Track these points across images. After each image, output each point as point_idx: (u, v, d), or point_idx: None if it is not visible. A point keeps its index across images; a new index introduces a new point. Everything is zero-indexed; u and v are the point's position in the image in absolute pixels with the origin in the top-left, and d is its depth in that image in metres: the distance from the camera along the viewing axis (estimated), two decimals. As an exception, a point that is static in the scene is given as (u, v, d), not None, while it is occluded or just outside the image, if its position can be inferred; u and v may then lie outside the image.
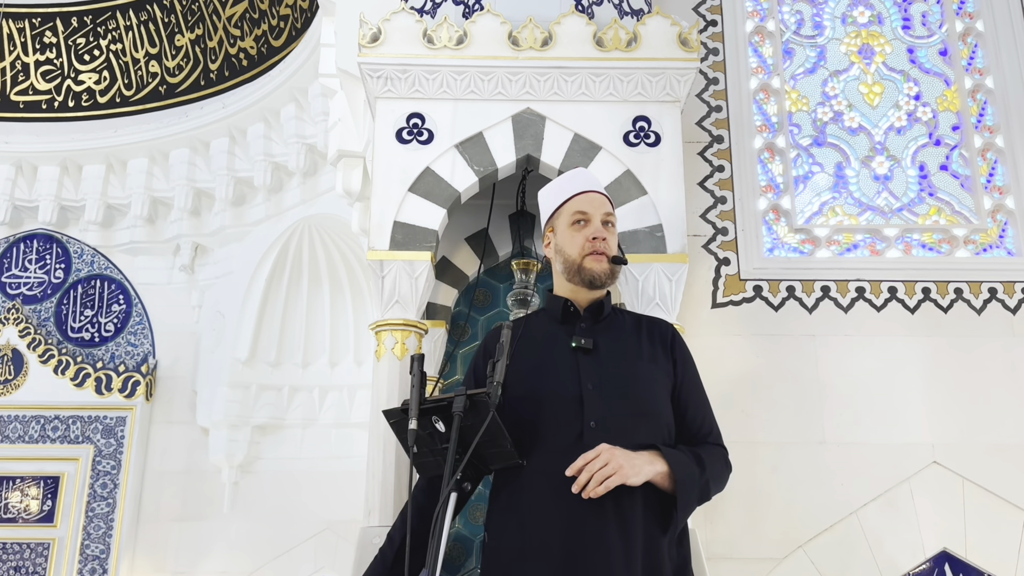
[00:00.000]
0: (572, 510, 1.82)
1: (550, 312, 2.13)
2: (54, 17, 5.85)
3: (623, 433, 1.88)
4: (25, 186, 5.79)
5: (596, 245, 2.04)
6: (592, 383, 1.95)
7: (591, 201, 2.10)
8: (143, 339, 5.71)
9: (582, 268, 2.05)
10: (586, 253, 2.05)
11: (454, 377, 3.29)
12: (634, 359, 2.02)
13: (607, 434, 1.87)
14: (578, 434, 1.89)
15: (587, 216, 2.08)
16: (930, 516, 3.10)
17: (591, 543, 1.81)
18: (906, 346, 3.29)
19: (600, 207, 2.10)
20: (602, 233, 2.06)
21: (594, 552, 1.80)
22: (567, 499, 1.83)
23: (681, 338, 2.14)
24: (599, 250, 2.04)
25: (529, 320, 2.19)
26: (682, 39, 2.94)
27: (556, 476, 1.85)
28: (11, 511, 5.30)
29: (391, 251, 2.77)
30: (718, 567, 2.91)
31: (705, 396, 2.10)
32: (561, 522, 1.83)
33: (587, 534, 1.81)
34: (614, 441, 1.85)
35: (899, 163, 3.64)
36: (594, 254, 2.04)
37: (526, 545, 1.85)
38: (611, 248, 2.07)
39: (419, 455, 1.88)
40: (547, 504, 1.85)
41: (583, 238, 2.06)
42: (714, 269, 3.38)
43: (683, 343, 2.12)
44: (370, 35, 2.91)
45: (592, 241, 2.05)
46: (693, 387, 2.08)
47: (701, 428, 2.04)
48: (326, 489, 5.11)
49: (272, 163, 5.41)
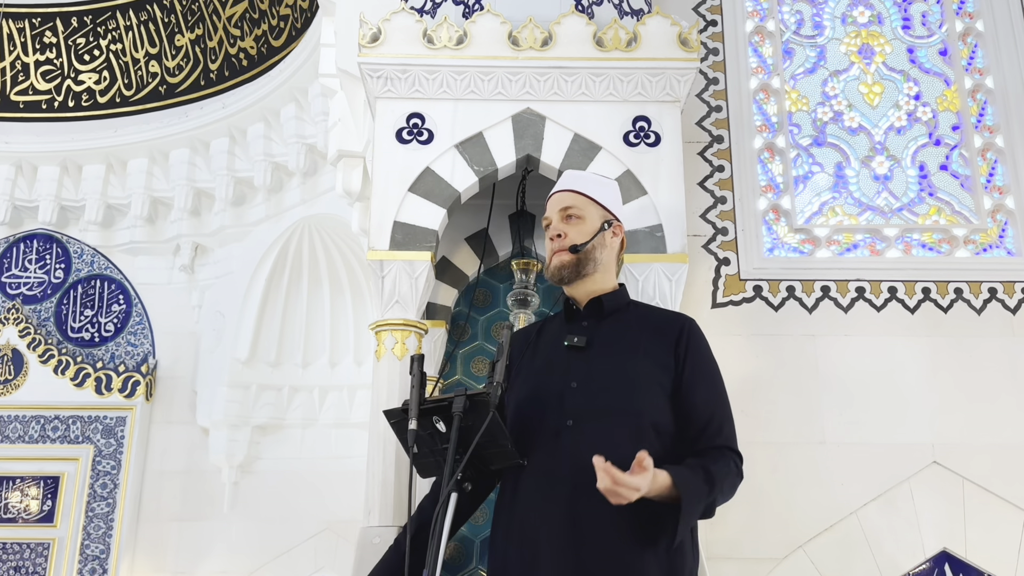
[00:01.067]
0: (547, 506, 1.84)
1: (562, 312, 2.14)
2: (54, 17, 5.85)
3: (599, 431, 1.86)
4: (25, 186, 5.78)
5: (553, 245, 2.06)
6: (577, 381, 1.94)
7: (552, 204, 2.12)
8: (143, 339, 5.71)
9: (549, 270, 2.07)
10: (551, 253, 2.06)
11: (454, 377, 3.29)
12: (625, 356, 1.97)
13: (580, 432, 1.87)
14: (555, 432, 1.89)
15: (548, 219, 2.11)
16: (930, 516, 3.10)
17: (556, 544, 1.80)
18: (906, 346, 3.29)
19: (558, 204, 2.10)
20: (559, 230, 2.06)
21: (557, 554, 1.80)
22: (543, 496, 1.84)
23: (696, 331, 2.04)
24: (558, 248, 2.05)
25: (546, 321, 2.20)
26: (682, 39, 2.94)
27: (538, 472, 1.87)
28: (11, 511, 5.30)
29: (391, 251, 2.77)
30: (718, 567, 2.91)
31: (717, 395, 1.99)
32: (537, 519, 1.84)
33: (554, 533, 1.81)
34: (587, 438, 1.84)
35: (899, 163, 3.64)
36: (555, 253, 2.05)
37: (511, 542, 1.88)
38: (572, 239, 2.04)
39: (419, 455, 1.88)
40: (533, 501, 1.86)
41: (548, 241, 2.08)
42: (714, 269, 3.38)
43: (697, 336, 2.02)
44: (370, 35, 2.91)
45: (551, 242, 2.07)
46: (701, 384, 1.97)
47: (709, 426, 1.93)
48: (326, 489, 5.10)
49: (272, 163, 5.41)
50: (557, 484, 1.84)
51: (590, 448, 1.75)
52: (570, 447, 1.86)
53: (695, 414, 1.94)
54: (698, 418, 1.94)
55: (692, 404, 1.95)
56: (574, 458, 1.83)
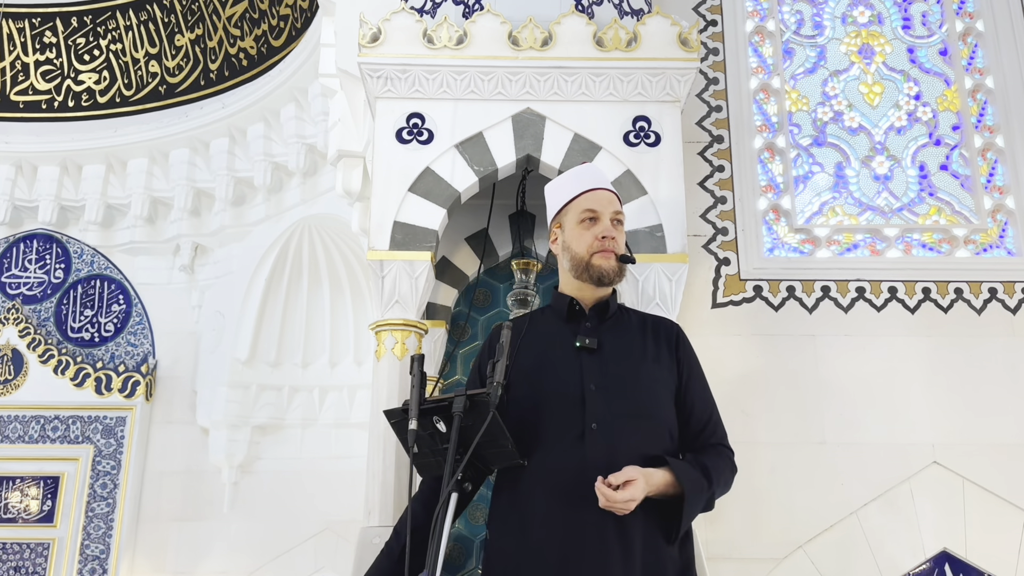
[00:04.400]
0: (572, 510, 1.83)
1: (555, 310, 2.12)
2: (54, 17, 5.85)
3: (623, 435, 1.89)
4: (25, 186, 5.79)
5: (605, 244, 2.04)
6: (595, 383, 1.94)
7: (600, 199, 2.09)
8: (143, 339, 5.71)
9: (590, 265, 2.04)
10: (595, 251, 2.04)
11: (454, 377, 3.29)
12: (638, 360, 2.01)
13: (607, 436, 1.88)
14: (579, 435, 1.89)
15: (596, 214, 2.07)
16: (930, 516, 3.10)
17: (590, 544, 1.81)
18: (906, 346, 3.29)
19: (609, 205, 2.09)
20: (611, 232, 2.05)
21: (592, 553, 1.80)
22: (567, 499, 1.83)
23: (686, 338, 2.13)
24: (608, 248, 2.04)
25: (533, 318, 2.17)
26: (682, 39, 2.94)
27: (556, 476, 1.86)
28: (11, 511, 5.30)
29: (391, 251, 2.77)
30: (718, 567, 2.91)
31: (710, 396, 2.09)
32: (560, 522, 1.83)
33: (586, 535, 1.81)
34: (614, 442, 1.86)
35: (899, 163, 3.64)
36: (603, 252, 2.04)
37: (525, 545, 1.86)
38: (619, 246, 2.06)
39: (420, 455, 1.88)
40: (547, 504, 1.85)
41: (592, 236, 2.05)
42: (714, 269, 3.38)
43: (688, 343, 2.12)
44: (370, 35, 2.91)
45: (601, 240, 2.04)
46: (698, 387, 2.06)
47: (706, 428, 2.03)
48: (326, 489, 5.10)
49: (272, 163, 5.41)
50: (586, 486, 1.80)
51: (623, 450, 1.85)
52: (599, 449, 1.86)
53: (695, 416, 2.03)
54: (697, 419, 2.03)
55: (692, 406, 2.03)
56: (605, 459, 1.84)
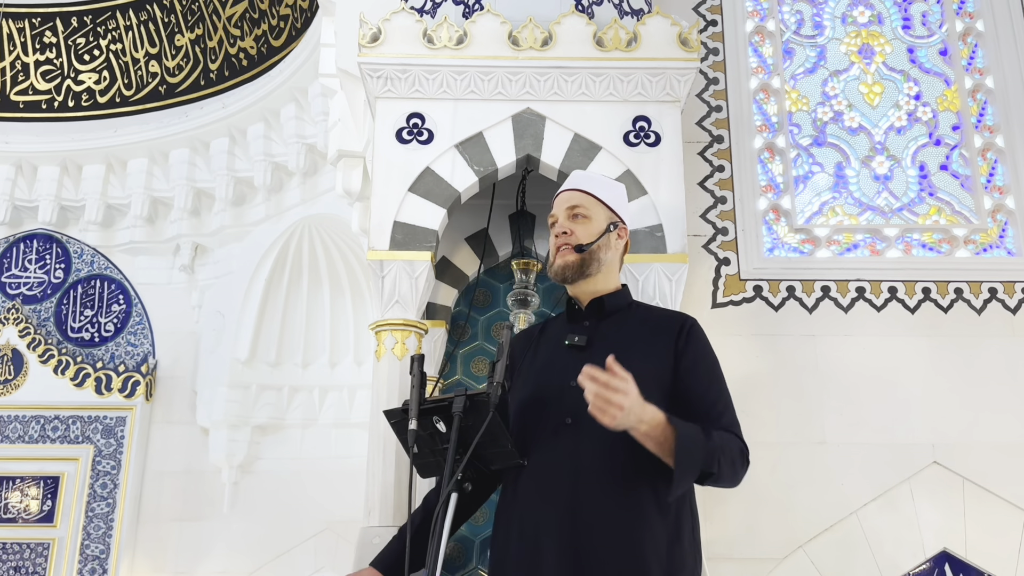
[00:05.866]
0: (554, 504, 1.83)
1: (565, 312, 2.14)
2: (54, 17, 5.85)
3: (598, 429, 1.80)
4: (25, 186, 5.79)
5: (559, 242, 2.06)
6: (576, 379, 1.94)
7: (560, 201, 2.12)
8: (143, 339, 5.71)
9: (553, 268, 2.06)
10: (555, 253, 2.07)
11: (454, 377, 3.29)
12: (625, 355, 1.92)
13: (579, 430, 1.86)
14: (554, 430, 1.89)
15: (554, 217, 2.11)
16: (930, 516, 3.10)
17: (569, 537, 1.80)
18: (906, 346, 3.29)
19: (565, 203, 2.10)
20: (565, 227, 2.06)
21: (571, 547, 1.80)
22: (549, 493, 1.84)
23: (697, 328, 2.03)
24: (561, 245, 2.05)
25: (549, 322, 2.21)
26: (682, 39, 2.94)
27: (537, 470, 1.87)
28: (11, 511, 5.30)
29: (391, 251, 2.77)
30: (718, 567, 2.91)
31: (720, 385, 1.99)
32: (543, 516, 1.84)
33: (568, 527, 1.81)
34: (585, 436, 1.85)
35: (899, 163, 3.64)
36: (558, 251, 2.05)
37: (508, 541, 1.88)
38: (579, 238, 2.04)
39: (420, 455, 1.89)
40: (532, 499, 1.87)
41: (553, 239, 2.08)
42: (714, 269, 3.38)
43: (697, 334, 2.02)
44: (370, 35, 2.91)
45: (556, 239, 2.07)
46: (702, 374, 1.97)
47: (711, 412, 1.91)
48: (326, 489, 5.11)
49: (272, 163, 5.41)
50: (556, 481, 1.84)
51: (589, 445, 1.80)
52: (569, 444, 1.87)
53: (694, 401, 1.93)
54: (698, 404, 1.92)
55: (691, 390, 1.94)
56: (572, 456, 1.85)
